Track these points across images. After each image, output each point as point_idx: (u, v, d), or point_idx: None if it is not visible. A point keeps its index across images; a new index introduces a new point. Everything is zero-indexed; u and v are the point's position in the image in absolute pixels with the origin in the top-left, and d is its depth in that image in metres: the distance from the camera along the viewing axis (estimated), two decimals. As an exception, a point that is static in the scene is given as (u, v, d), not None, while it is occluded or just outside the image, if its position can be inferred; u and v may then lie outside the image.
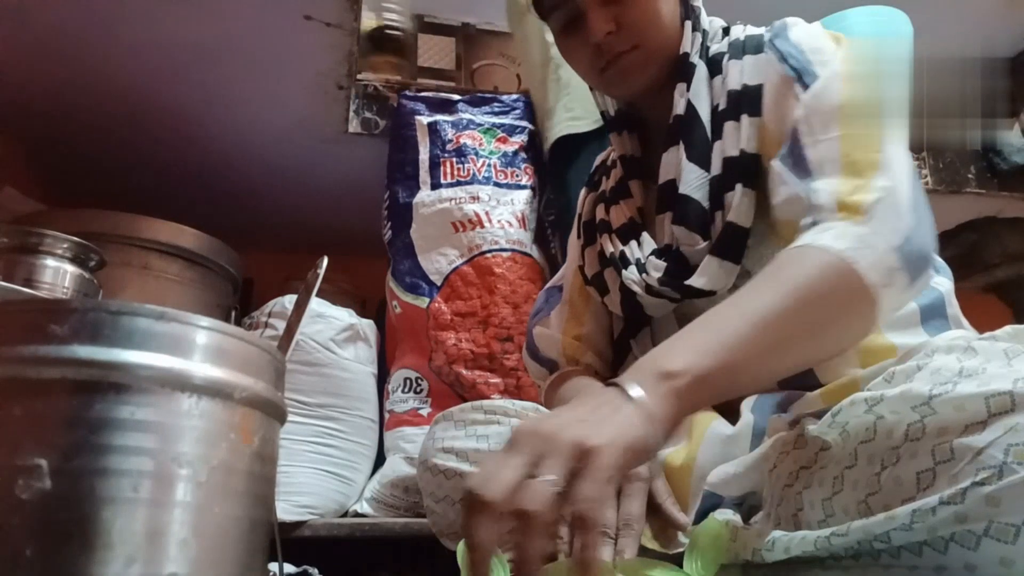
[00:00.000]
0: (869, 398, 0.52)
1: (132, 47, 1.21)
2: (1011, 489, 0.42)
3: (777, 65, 0.75)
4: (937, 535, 0.45)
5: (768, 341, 0.56)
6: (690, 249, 0.77)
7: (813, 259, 0.59)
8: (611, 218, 0.88)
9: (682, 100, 0.80)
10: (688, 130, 0.80)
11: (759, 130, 0.76)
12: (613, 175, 0.92)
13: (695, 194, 0.78)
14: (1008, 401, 0.44)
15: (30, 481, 0.43)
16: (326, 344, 1.28)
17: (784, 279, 0.59)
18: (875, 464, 0.50)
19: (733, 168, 0.76)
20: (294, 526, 1.18)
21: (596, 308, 0.93)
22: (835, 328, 0.60)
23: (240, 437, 0.50)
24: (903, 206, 0.63)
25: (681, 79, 0.81)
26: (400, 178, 1.41)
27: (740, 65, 0.79)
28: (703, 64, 0.82)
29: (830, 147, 0.68)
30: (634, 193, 0.87)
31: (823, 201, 0.64)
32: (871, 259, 0.59)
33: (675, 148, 0.80)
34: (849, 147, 0.67)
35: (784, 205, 0.69)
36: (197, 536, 0.47)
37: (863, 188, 0.64)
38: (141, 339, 0.47)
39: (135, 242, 1.30)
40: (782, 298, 0.57)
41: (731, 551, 0.58)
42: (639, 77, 0.80)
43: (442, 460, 0.82)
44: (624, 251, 0.84)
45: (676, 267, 0.78)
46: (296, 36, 1.18)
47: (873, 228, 0.61)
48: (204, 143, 1.50)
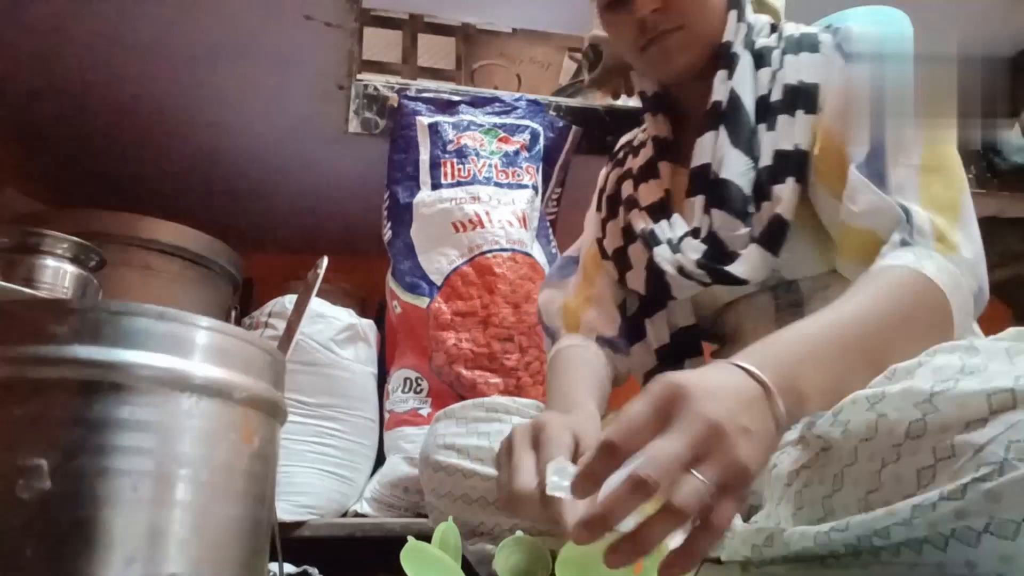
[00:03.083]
0: (870, 396, 0.52)
1: (132, 47, 1.21)
2: (1011, 485, 0.42)
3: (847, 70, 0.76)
4: (937, 531, 0.45)
5: (872, 365, 0.56)
6: (729, 235, 0.78)
7: (917, 285, 0.61)
8: (639, 196, 0.89)
9: (723, 87, 0.81)
10: (732, 118, 0.80)
11: (813, 128, 0.77)
12: (642, 154, 0.92)
13: (738, 180, 0.78)
14: (1010, 398, 0.44)
15: (30, 481, 0.43)
16: (326, 344, 1.28)
17: (889, 299, 0.61)
18: (876, 461, 0.50)
19: (785, 161, 0.77)
20: (294, 526, 1.18)
21: (608, 282, 0.93)
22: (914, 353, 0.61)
23: (240, 437, 0.50)
24: (979, 253, 0.67)
25: (723, 66, 0.82)
26: (400, 178, 1.41)
27: (797, 61, 0.80)
28: (748, 54, 0.82)
29: (909, 172, 0.70)
30: (663, 174, 0.88)
31: (923, 225, 0.66)
32: (959, 298, 0.62)
33: (712, 134, 0.81)
34: (931, 179, 0.69)
35: (866, 214, 0.70)
36: (197, 536, 0.47)
37: (952, 226, 0.66)
38: (141, 339, 0.47)
39: (135, 242, 1.30)
40: (884, 320, 0.59)
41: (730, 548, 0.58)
42: (681, 58, 0.81)
43: (443, 456, 0.83)
44: (654, 229, 0.84)
45: (715, 251, 0.78)
46: (296, 36, 1.18)
47: (962, 270, 0.64)
48: (204, 143, 1.50)
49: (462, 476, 0.81)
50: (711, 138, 0.81)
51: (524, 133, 1.46)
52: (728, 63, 0.82)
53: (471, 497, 0.80)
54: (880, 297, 0.61)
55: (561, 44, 2.00)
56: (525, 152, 1.44)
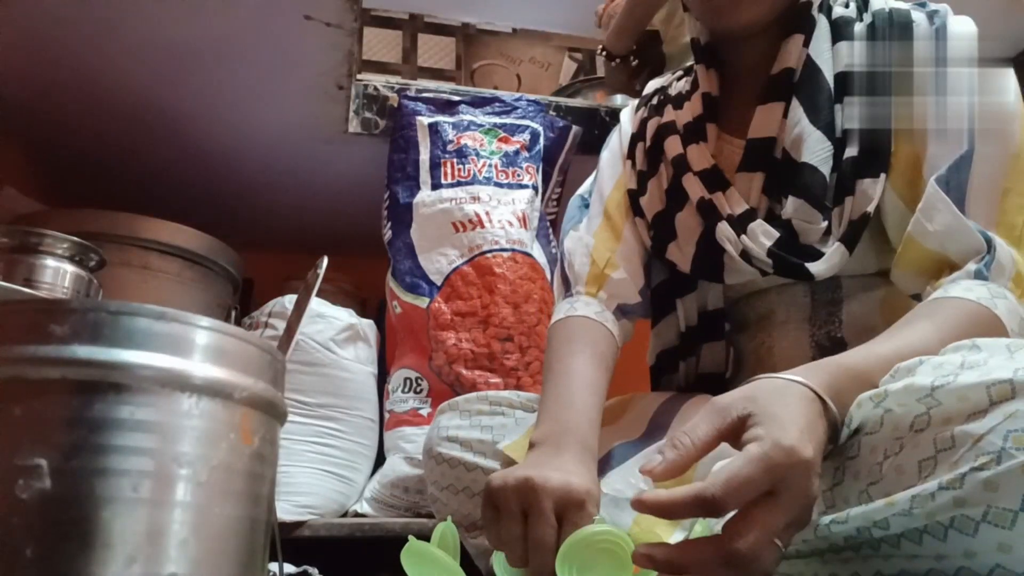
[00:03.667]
0: (874, 395, 0.52)
1: (132, 47, 1.21)
2: (1009, 474, 0.42)
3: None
4: (936, 521, 0.45)
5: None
6: (806, 226, 0.72)
7: (985, 324, 0.59)
8: (691, 158, 0.81)
9: (798, 53, 0.74)
10: (809, 91, 0.74)
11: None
12: (687, 108, 0.84)
13: (822, 167, 0.72)
14: (1008, 388, 0.44)
15: (30, 481, 0.43)
16: (326, 344, 1.28)
17: (957, 333, 0.58)
18: (877, 454, 0.50)
19: (875, 155, 0.71)
20: (294, 526, 1.18)
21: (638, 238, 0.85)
22: None
23: (240, 437, 0.50)
24: None
25: (798, 30, 0.75)
26: (400, 178, 1.41)
27: (887, 44, 0.73)
28: (825, 20, 0.76)
29: (992, 194, 0.66)
30: (709, 138, 0.80)
31: (1004, 261, 0.63)
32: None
33: (778, 104, 0.74)
34: (1011, 206, 0.66)
35: (941, 235, 0.66)
36: (197, 536, 0.47)
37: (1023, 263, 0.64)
38: (141, 339, 0.47)
39: (135, 242, 1.30)
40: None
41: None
42: (750, 10, 0.73)
43: (447, 449, 0.83)
44: (714, 200, 0.77)
45: (790, 241, 0.73)
46: (296, 36, 1.18)
47: None
48: (204, 143, 1.50)
49: (464, 469, 0.81)
50: (778, 110, 0.74)
51: (524, 133, 1.46)
52: (806, 27, 0.74)
53: (473, 491, 0.80)
54: (946, 330, 0.58)
55: (561, 44, 2.00)
56: (525, 152, 1.44)
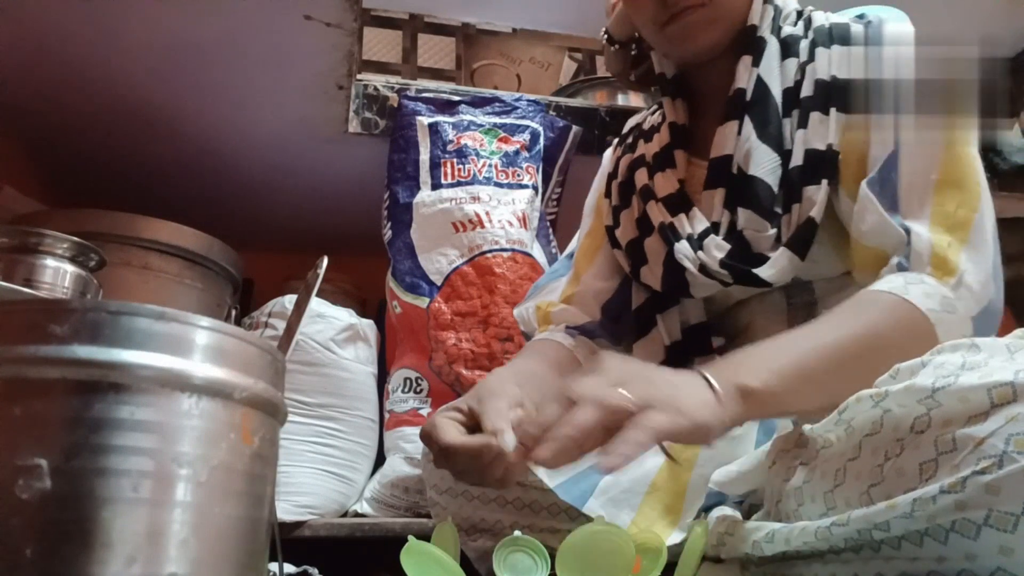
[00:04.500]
0: (874, 394, 0.52)
1: (132, 47, 1.21)
2: (1011, 478, 0.42)
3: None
4: (937, 524, 0.45)
5: (838, 380, 0.58)
6: (755, 235, 0.76)
7: (899, 311, 0.62)
8: (655, 186, 0.85)
9: (748, 74, 0.78)
10: (759, 108, 0.77)
11: (845, 127, 0.75)
12: (656, 140, 0.88)
13: (768, 178, 0.76)
14: (1010, 392, 0.44)
15: (30, 481, 0.43)
16: (326, 344, 1.28)
17: (868, 323, 0.62)
18: (879, 456, 0.51)
19: (818, 161, 0.74)
20: (294, 526, 1.18)
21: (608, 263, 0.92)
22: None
23: (240, 437, 0.50)
24: (987, 274, 0.65)
25: (747, 52, 0.79)
26: (400, 178, 1.41)
27: (828, 54, 0.77)
28: (775, 41, 0.79)
29: (924, 188, 0.69)
30: (678, 163, 0.85)
31: (920, 249, 0.66)
32: (949, 323, 0.62)
33: (734, 123, 0.78)
34: (946, 195, 0.68)
35: (871, 234, 0.70)
36: (197, 536, 0.47)
37: (956, 247, 0.66)
38: (141, 339, 0.47)
39: (135, 242, 1.30)
40: (861, 343, 0.60)
41: (730, 546, 0.59)
42: (702, 37, 0.78)
43: None
44: (674, 223, 0.82)
45: (740, 251, 0.76)
46: (296, 36, 1.18)
47: (959, 294, 0.64)
48: (204, 143, 1.50)
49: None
50: (733, 128, 0.78)
51: (524, 133, 1.46)
52: (754, 48, 0.78)
53: (472, 494, 0.80)
54: (858, 322, 0.62)
55: (561, 44, 2.00)
56: (525, 152, 1.44)
